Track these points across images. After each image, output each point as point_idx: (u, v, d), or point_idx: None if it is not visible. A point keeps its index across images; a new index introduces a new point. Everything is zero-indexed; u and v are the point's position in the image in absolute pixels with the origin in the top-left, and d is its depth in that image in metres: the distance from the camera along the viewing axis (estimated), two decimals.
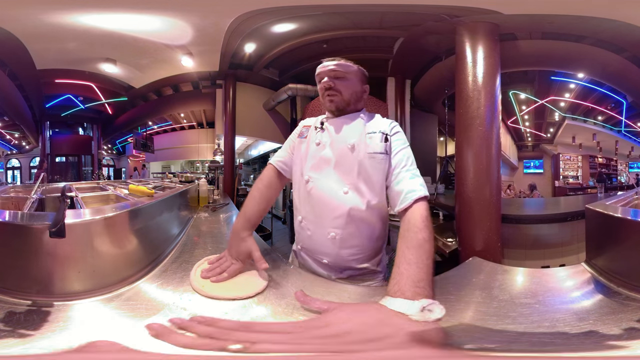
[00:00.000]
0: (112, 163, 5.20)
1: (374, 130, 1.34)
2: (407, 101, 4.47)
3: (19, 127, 4.46)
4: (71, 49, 3.76)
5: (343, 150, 1.33)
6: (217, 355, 0.72)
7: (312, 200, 1.36)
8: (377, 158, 1.30)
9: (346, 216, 1.31)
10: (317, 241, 1.38)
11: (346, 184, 1.31)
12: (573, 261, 1.52)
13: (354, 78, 1.40)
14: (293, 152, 1.50)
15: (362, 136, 1.33)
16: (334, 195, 1.32)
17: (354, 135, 1.34)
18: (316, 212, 1.36)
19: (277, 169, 1.50)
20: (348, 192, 1.31)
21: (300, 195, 1.42)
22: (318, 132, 1.42)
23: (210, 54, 4.09)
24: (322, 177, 1.35)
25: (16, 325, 0.81)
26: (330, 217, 1.32)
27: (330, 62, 1.38)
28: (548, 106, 3.90)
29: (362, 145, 1.31)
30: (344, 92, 1.38)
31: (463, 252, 2.71)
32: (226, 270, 1.16)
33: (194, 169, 5.47)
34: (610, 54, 3.27)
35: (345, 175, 1.32)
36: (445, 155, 4.35)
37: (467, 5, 2.78)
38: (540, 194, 4.07)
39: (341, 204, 1.31)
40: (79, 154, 4.83)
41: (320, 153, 1.37)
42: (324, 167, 1.36)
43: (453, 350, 0.77)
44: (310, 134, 1.45)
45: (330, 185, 1.33)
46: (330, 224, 1.33)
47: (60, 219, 0.86)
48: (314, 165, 1.38)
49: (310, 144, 1.42)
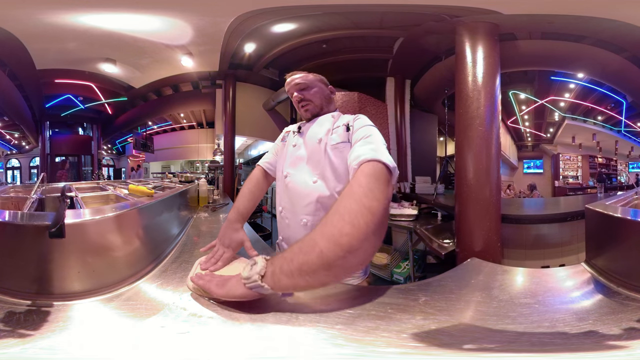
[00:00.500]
0: (112, 163, 5.20)
1: (338, 125, 1.44)
2: (407, 101, 4.48)
3: (19, 127, 4.46)
4: (71, 49, 3.77)
5: (313, 145, 1.45)
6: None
7: (289, 192, 1.48)
8: (339, 148, 1.37)
9: (315, 202, 1.40)
10: (293, 229, 1.48)
11: (315, 174, 1.42)
12: (573, 261, 1.52)
13: (318, 83, 1.54)
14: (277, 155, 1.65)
15: (329, 131, 1.43)
16: (304, 185, 1.43)
17: (321, 131, 1.45)
18: (292, 201, 1.47)
19: (264, 169, 1.66)
20: (317, 181, 1.40)
21: (280, 190, 1.55)
22: (295, 136, 1.56)
23: (210, 54, 4.09)
24: (297, 171, 1.47)
25: (16, 325, 0.81)
26: (302, 204, 1.43)
27: (293, 77, 1.53)
28: (548, 106, 3.91)
29: (328, 139, 1.41)
30: (314, 99, 1.52)
31: (463, 252, 2.71)
32: (220, 260, 1.23)
33: (194, 169, 5.47)
34: (610, 54, 3.27)
35: (314, 167, 1.42)
36: (445, 155, 4.35)
37: (467, 5, 2.78)
38: (540, 194, 4.07)
39: (310, 192, 1.41)
40: (79, 154, 4.84)
41: (296, 153, 1.50)
42: (298, 163, 1.48)
43: (453, 350, 0.77)
44: (289, 138, 1.60)
45: (303, 177, 1.44)
46: (302, 211, 1.43)
47: (60, 219, 0.86)
48: (291, 163, 1.50)
49: (288, 146, 1.56)
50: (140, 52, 3.92)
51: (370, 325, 0.84)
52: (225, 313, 0.90)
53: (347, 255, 0.79)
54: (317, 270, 0.80)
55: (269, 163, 1.66)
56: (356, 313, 0.92)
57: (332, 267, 0.80)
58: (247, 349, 0.77)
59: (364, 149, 1.06)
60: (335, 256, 0.78)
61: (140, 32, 3.57)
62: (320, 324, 0.85)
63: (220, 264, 1.21)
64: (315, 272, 0.80)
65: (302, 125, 1.57)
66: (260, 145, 6.44)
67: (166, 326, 0.83)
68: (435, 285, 1.15)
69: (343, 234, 0.79)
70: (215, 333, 0.82)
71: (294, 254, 0.82)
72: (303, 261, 0.80)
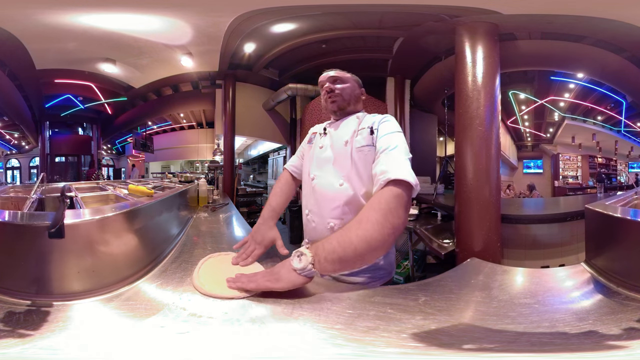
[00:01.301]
0: (111, 163, 5.20)
1: (364, 126, 1.43)
2: (407, 101, 4.48)
3: (19, 127, 4.46)
4: (71, 49, 3.76)
5: (340, 147, 1.45)
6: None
7: (316, 194, 1.47)
8: (364, 151, 1.38)
9: (342, 206, 1.40)
10: (320, 232, 1.46)
11: (341, 176, 1.41)
12: (572, 261, 1.52)
13: (352, 82, 1.54)
14: (303, 157, 1.66)
15: (354, 133, 1.43)
16: (331, 188, 1.42)
17: (347, 133, 1.45)
18: (319, 204, 1.46)
19: (290, 172, 1.69)
20: (343, 184, 1.40)
21: (307, 192, 1.54)
22: (322, 137, 1.56)
23: (210, 54, 4.09)
24: (324, 173, 1.47)
25: (16, 325, 0.81)
26: (329, 208, 1.43)
27: (330, 72, 1.54)
28: (547, 106, 3.91)
29: (353, 142, 1.42)
30: (343, 93, 1.51)
31: (462, 252, 2.71)
32: (250, 255, 1.29)
33: (194, 169, 5.47)
34: (609, 54, 3.28)
35: (341, 169, 1.42)
36: (445, 155, 4.35)
37: (466, 5, 2.78)
38: (539, 194, 4.07)
39: (337, 195, 1.41)
40: (79, 154, 4.84)
41: (322, 155, 1.50)
42: (325, 165, 1.47)
43: (453, 350, 0.77)
44: (315, 140, 1.59)
45: (329, 179, 1.44)
46: (329, 214, 1.43)
47: (60, 219, 0.86)
48: (317, 164, 1.50)
49: (315, 148, 1.55)
50: (140, 52, 3.92)
51: (370, 325, 0.84)
52: (225, 313, 0.90)
53: (373, 252, 1.04)
54: (352, 261, 1.03)
55: (295, 166, 1.69)
56: (356, 313, 0.92)
57: (363, 259, 1.04)
58: (247, 348, 0.77)
59: (391, 165, 1.18)
60: (366, 253, 1.02)
61: (140, 32, 3.57)
62: (320, 323, 0.85)
63: (250, 260, 1.27)
64: (350, 261, 1.03)
65: (327, 127, 1.58)
66: (260, 145, 6.45)
67: (166, 326, 0.83)
68: (435, 285, 1.15)
69: (372, 239, 1.01)
70: (215, 333, 0.82)
71: (334, 247, 1.01)
72: (342, 255, 1.00)
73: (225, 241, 1.79)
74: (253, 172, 7.53)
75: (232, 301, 0.98)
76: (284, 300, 0.97)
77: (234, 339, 0.80)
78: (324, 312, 0.91)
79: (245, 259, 1.28)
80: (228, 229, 2.15)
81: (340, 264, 1.02)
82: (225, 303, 0.96)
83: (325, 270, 1.02)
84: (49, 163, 4.58)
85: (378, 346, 0.77)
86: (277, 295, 0.99)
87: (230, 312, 0.91)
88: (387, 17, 3.38)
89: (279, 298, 0.98)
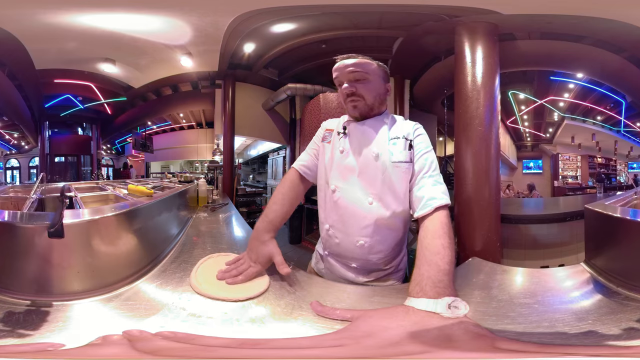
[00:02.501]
0: (111, 163, 5.20)
1: (397, 135, 1.32)
2: (406, 101, 4.46)
3: (18, 127, 4.45)
4: (70, 49, 3.76)
5: (367, 158, 1.31)
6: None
7: (340, 209, 1.35)
8: (401, 167, 1.29)
9: (373, 226, 1.31)
10: (346, 248, 1.38)
11: (370, 194, 1.31)
12: (572, 261, 1.52)
13: (376, 78, 1.34)
14: (317, 157, 1.48)
15: (385, 143, 1.30)
16: (360, 206, 1.31)
17: (377, 142, 1.31)
18: (344, 221, 1.35)
19: (300, 172, 1.49)
20: (372, 202, 1.30)
21: (327, 204, 1.40)
22: (341, 138, 1.39)
23: (210, 54, 4.08)
24: (348, 186, 1.33)
25: (15, 325, 0.81)
26: (358, 227, 1.33)
27: (348, 62, 1.31)
28: (547, 106, 3.90)
29: (386, 154, 1.29)
30: (367, 97, 1.33)
31: (462, 252, 2.71)
32: (242, 273, 1.15)
33: (193, 169, 5.46)
34: (609, 54, 3.27)
35: (370, 185, 1.31)
36: (445, 155, 4.34)
37: (466, 5, 2.77)
38: (539, 194, 4.07)
39: (368, 215, 1.31)
40: (78, 154, 4.82)
41: (345, 162, 1.35)
42: (348, 175, 1.34)
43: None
44: (333, 140, 1.41)
45: (356, 195, 1.32)
46: (358, 232, 1.33)
47: (59, 219, 0.86)
48: (339, 173, 1.36)
49: (334, 150, 1.39)
50: (139, 52, 3.91)
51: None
52: (225, 313, 0.90)
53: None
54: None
55: (306, 166, 1.49)
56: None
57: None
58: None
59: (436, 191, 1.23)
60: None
61: (140, 32, 3.56)
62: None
63: (240, 278, 1.13)
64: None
65: (346, 125, 1.40)
66: (259, 145, 6.44)
67: (165, 326, 0.83)
68: None
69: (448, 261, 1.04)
70: (215, 333, 0.82)
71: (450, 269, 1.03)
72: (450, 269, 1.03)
73: (225, 241, 1.79)
74: (253, 172, 7.51)
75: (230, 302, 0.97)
76: (283, 301, 0.97)
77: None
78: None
79: (235, 275, 1.14)
80: (228, 229, 2.15)
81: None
82: (225, 303, 0.96)
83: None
84: (49, 163, 4.57)
85: None
86: (277, 296, 0.98)
87: (229, 312, 0.91)
88: (387, 17, 3.38)
89: (279, 298, 0.98)
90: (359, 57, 1.32)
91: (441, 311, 0.87)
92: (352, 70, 1.30)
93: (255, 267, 1.18)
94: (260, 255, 1.21)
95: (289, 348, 0.73)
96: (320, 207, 1.45)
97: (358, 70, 1.30)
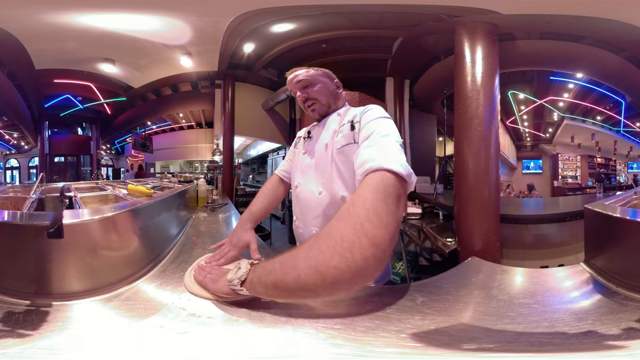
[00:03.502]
0: (110, 163, 5.20)
1: (344, 122, 1.30)
2: (406, 101, 4.48)
3: (18, 127, 4.46)
4: (70, 49, 3.76)
5: (320, 152, 1.37)
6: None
7: (300, 202, 1.44)
8: (344, 151, 1.25)
9: (322, 215, 1.34)
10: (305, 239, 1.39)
11: (320, 184, 1.35)
12: (572, 261, 1.52)
13: (321, 79, 1.42)
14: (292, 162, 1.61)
15: (334, 133, 1.32)
16: (311, 197, 1.38)
17: (327, 134, 1.36)
18: (303, 212, 1.44)
19: (280, 176, 1.63)
20: (322, 192, 1.34)
21: (294, 199, 1.51)
22: (305, 142, 1.49)
23: (209, 54, 4.09)
24: (306, 180, 1.42)
25: (15, 325, 0.81)
26: (311, 216, 1.39)
27: (293, 74, 1.42)
28: (547, 106, 3.91)
29: (333, 143, 1.30)
30: (320, 97, 1.41)
31: (462, 252, 2.71)
32: (223, 257, 1.22)
33: (193, 169, 5.47)
34: (608, 54, 3.28)
35: (320, 177, 1.35)
36: (444, 155, 4.36)
37: (466, 5, 2.78)
38: (539, 193, 4.08)
39: (317, 204, 1.36)
40: (78, 154, 4.83)
41: (305, 161, 1.44)
42: (307, 172, 1.42)
43: (452, 350, 0.77)
44: (300, 144, 1.53)
45: (310, 187, 1.39)
46: (311, 222, 1.39)
47: (58, 219, 0.86)
48: (301, 171, 1.46)
49: (299, 154, 1.50)
50: (139, 52, 3.92)
51: (369, 325, 0.84)
52: (224, 313, 0.90)
53: (329, 287, 0.72)
54: (293, 291, 0.76)
55: (285, 171, 1.63)
56: (355, 313, 0.92)
57: (311, 291, 0.74)
58: (246, 349, 0.77)
59: (371, 153, 0.91)
60: (315, 285, 0.72)
61: (140, 32, 3.57)
62: (319, 323, 0.85)
63: (222, 261, 1.20)
64: (291, 291, 0.77)
65: (312, 129, 1.49)
66: (259, 145, 6.45)
67: (165, 326, 0.83)
68: (434, 285, 1.15)
69: (330, 266, 0.70)
70: (214, 333, 0.82)
71: (274, 268, 0.78)
72: (279, 279, 0.77)
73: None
74: (252, 172, 7.53)
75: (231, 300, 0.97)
76: (283, 301, 0.97)
77: (233, 339, 0.80)
78: (322, 312, 0.91)
79: (217, 259, 1.22)
80: (227, 229, 2.15)
81: (276, 290, 0.79)
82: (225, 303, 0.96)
83: (255, 292, 0.84)
84: (48, 163, 4.57)
85: (377, 346, 0.76)
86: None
87: (229, 312, 0.91)
88: (387, 17, 3.38)
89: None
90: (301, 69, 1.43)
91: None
92: (298, 80, 1.42)
93: (234, 251, 1.27)
94: (240, 240, 1.31)
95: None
96: (292, 204, 1.58)
97: (302, 78, 1.41)
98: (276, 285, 0.77)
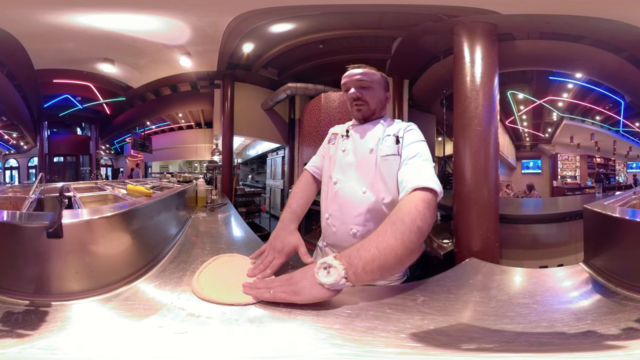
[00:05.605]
0: (110, 163, 5.19)
1: (389, 134, 1.41)
2: (405, 101, 4.47)
3: (17, 127, 4.45)
4: (69, 49, 3.76)
5: (363, 153, 1.43)
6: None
7: (339, 199, 1.45)
8: (389, 160, 1.36)
9: (365, 213, 1.39)
10: (340, 237, 1.46)
11: (364, 184, 1.40)
12: (571, 261, 1.52)
13: (379, 87, 1.48)
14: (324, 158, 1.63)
15: (379, 140, 1.41)
16: (354, 195, 1.41)
17: (372, 139, 1.43)
18: (342, 210, 1.45)
19: (312, 173, 1.65)
20: (366, 191, 1.39)
21: (328, 195, 1.51)
22: (344, 140, 1.52)
23: (209, 53, 4.08)
24: (347, 178, 1.45)
25: (14, 325, 0.80)
26: (352, 214, 1.41)
27: (356, 71, 1.46)
28: (546, 106, 3.91)
29: (378, 150, 1.40)
30: (370, 102, 1.46)
31: (461, 252, 2.71)
32: (269, 267, 1.19)
33: (192, 169, 5.46)
34: (608, 54, 3.28)
35: (364, 176, 1.41)
36: (444, 155, 4.36)
37: (465, 5, 2.78)
38: (538, 194, 4.08)
39: (361, 203, 1.39)
40: (77, 154, 4.82)
41: (345, 159, 1.47)
42: (347, 169, 1.45)
43: (451, 350, 0.77)
44: (337, 141, 1.56)
45: (352, 186, 1.42)
46: (352, 221, 1.42)
47: (58, 219, 0.86)
48: (340, 169, 1.48)
49: (337, 150, 1.52)
50: (138, 52, 3.92)
51: (368, 325, 0.84)
52: (224, 313, 0.90)
53: (410, 256, 1.00)
54: (393, 267, 0.98)
55: (316, 167, 1.65)
56: (354, 313, 0.92)
57: (403, 264, 1.00)
58: (245, 349, 0.77)
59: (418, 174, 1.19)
60: (405, 257, 0.98)
61: (139, 32, 3.56)
62: (319, 323, 0.85)
63: (269, 272, 1.17)
64: (391, 268, 0.99)
65: (350, 129, 1.54)
66: (258, 145, 6.44)
67: (164, 326, 0.83)
68: (433, 285, 1.15)
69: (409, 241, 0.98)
70: (214, 333, 0.82)
71: (374, 254, 0.95)
72: (384, 262, 0.95)
73: (223, 241, 1.79)
74: (252, 172, 7.52)
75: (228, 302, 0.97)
76: (282, 303, 0.97)
77: (232, 339, 0.80)
78: (322, 312, 0.91)
79: (262, 270, 1.17)
80: (226, 229, 2.15)
81: (381, 271, 0.97)
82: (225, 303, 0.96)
83: (362, 281, 0.97)
84: (48, 163, 4.56)
85: (377, 346, 0.77)
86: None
87: (228, 312, 0.91)
88: (386, 17, 3.38)
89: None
90: (366, 67, 1.48)
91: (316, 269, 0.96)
92: (359, 78, 1.45)
93: (280, 259, 1.24)
94: (286, 245, 1.29)
95: None
96: (322, 200, 1.57)
97: (365, 79, 1.45)
98: (382, 268, 0.96)
